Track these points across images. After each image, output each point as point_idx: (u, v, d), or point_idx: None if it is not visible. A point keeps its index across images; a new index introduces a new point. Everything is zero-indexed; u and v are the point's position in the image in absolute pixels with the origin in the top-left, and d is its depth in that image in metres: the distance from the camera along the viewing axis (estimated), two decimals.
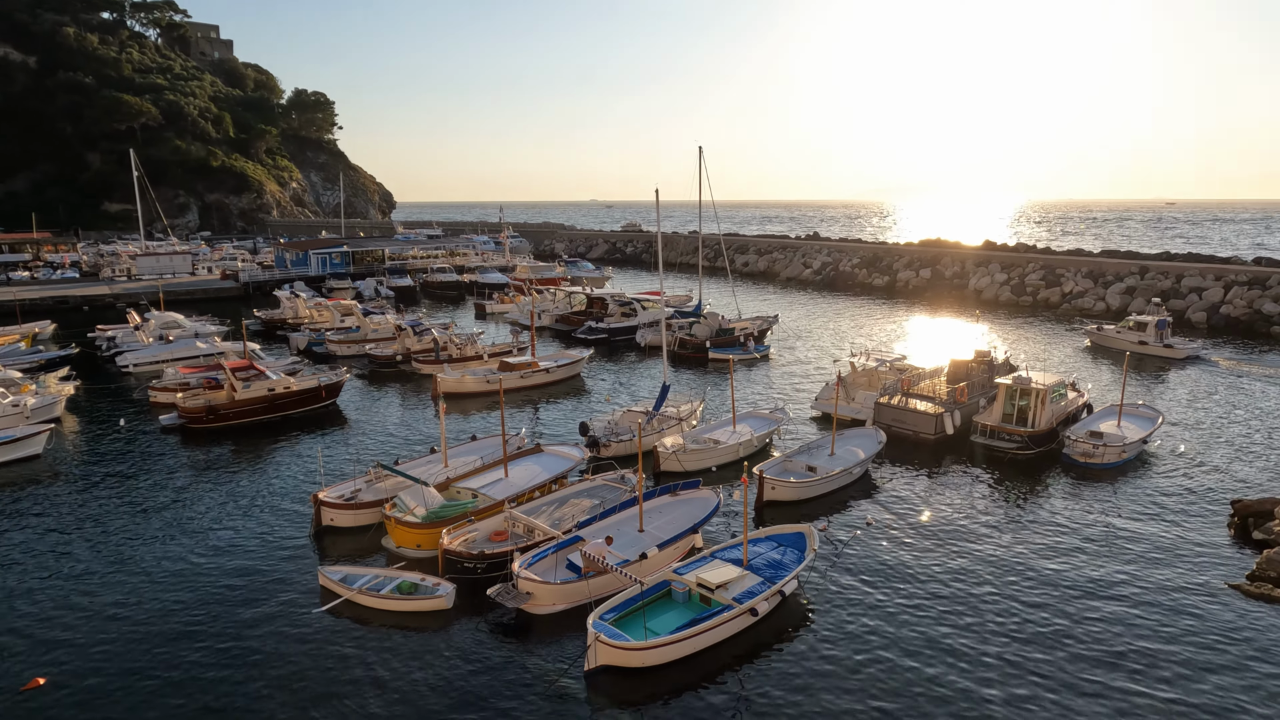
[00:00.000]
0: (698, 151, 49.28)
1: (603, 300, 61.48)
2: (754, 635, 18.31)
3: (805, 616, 19.21)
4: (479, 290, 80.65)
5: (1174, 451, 31.32)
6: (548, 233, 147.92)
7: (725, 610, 18.07)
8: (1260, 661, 17.31)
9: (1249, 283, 63.30)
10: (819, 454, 28.83)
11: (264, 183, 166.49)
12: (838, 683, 16.63)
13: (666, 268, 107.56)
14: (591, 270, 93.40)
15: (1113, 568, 21.66)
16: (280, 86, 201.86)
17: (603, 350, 52.32)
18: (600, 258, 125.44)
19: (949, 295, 79.22)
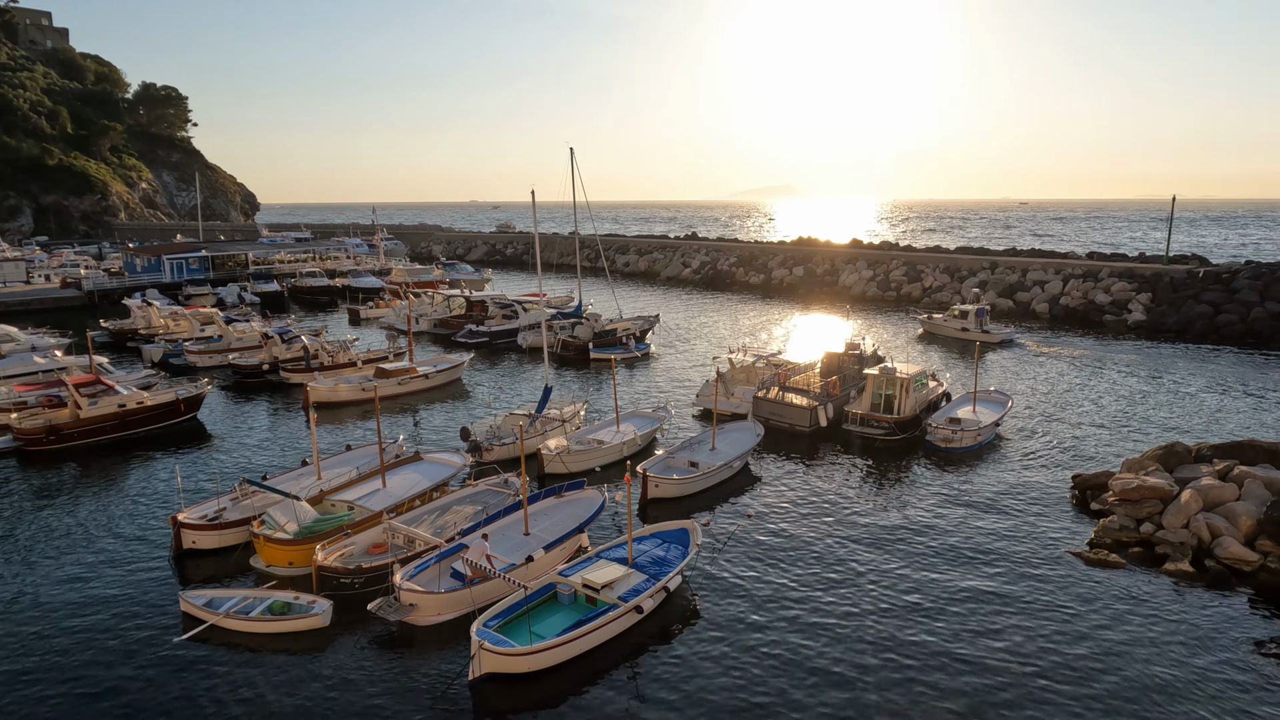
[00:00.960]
0: (569, 153, 49.22)
1: (483, 303, 60.53)
2: (640, 632, 18.50)
3: (690, 610, 19.57)
4: (352, 295, 77.69)
5: (1022, 432, 33.84)
6: (424, 235, 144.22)
7: (611, 609, 18.16)
8: (1097, 619, 18.94)
9: (1083, 275, 69.16)
10: (700, 450, 29.43)
11: (109, 183, 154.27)
12: (722, 674, 17.03)
13: (546, 269, 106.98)
14: (471, 273, 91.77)
15: (973, 543, 23.17)
16: (125, 80, 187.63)
17: (483, 354, 51.51)
18: (480, 260, 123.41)
19: (821, 291, 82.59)
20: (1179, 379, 43.77)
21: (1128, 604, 19.73)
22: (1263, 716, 15.49)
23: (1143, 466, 26.18)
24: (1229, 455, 26.63)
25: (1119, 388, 41.79)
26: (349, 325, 64.66)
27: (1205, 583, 20.79)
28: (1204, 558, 21.84)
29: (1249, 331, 55.44)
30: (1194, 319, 58.04)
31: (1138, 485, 24.19)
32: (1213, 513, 23.05)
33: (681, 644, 18.09)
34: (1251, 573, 21.11)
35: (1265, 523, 21.86)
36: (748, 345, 47.90)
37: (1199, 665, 17.17)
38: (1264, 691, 16.25)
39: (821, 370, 37.81)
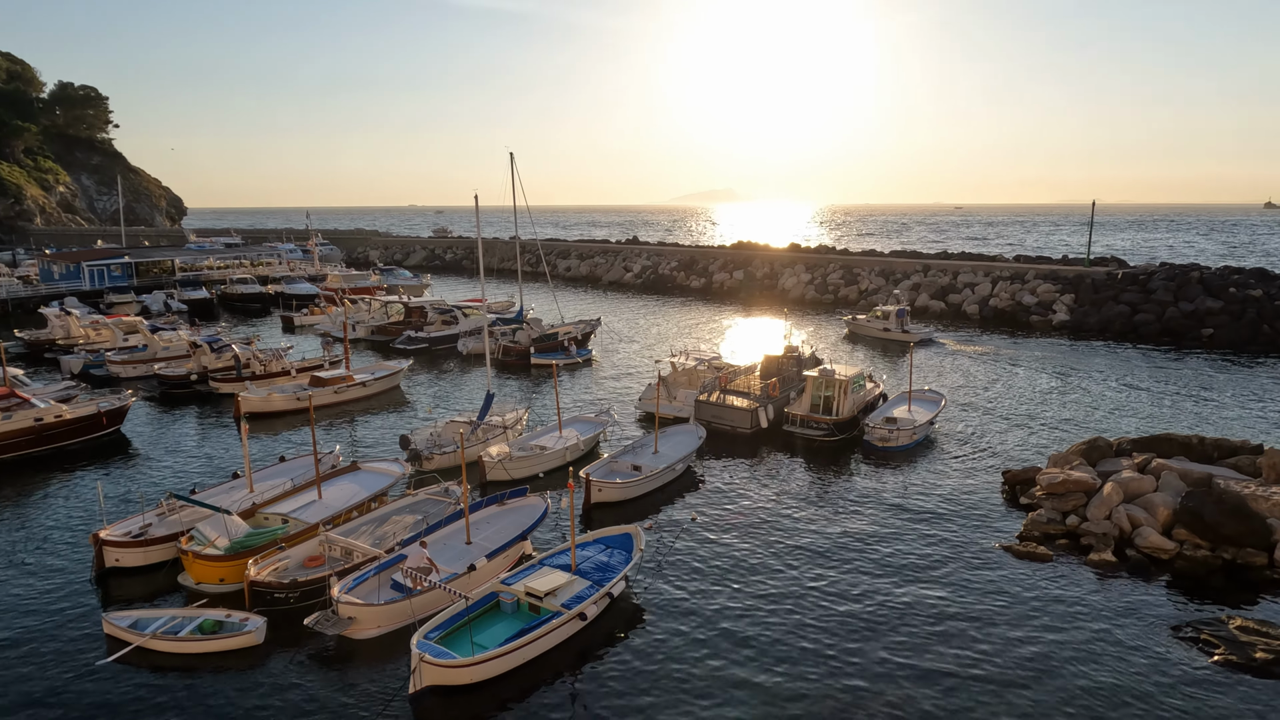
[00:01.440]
0: (509, 158, 48.89)
1: (422, 309, 59.61)
2: (584, 639, 18.42)
3: (634, 616, 19.58)
4: (286, 302, 75.68)
5: (955, 430, 34.82)
6: (361, 240, 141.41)
7: (555, 617, 18.05)
8: (1026, 610, 19.59)
9: (1011, 278, 71.58)
10: (643, 453, 29.50)
11: (23, 186, 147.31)
12: (666, 679, 17.07)
13: (487, 274, 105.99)
14: (409, 278, 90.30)
15: (909, 539, 23.73)
16: (40, 79, 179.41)
17: (423, 360, 50.72)
18: (418, 265, 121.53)
19: (761, 295, 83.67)
20: (1101, 376, 45.62)
21: (1055, 594, 20.45)
22: (1180, 695, 16.22)
23: (1067, 461, 27.19)
24: (1147, 449, 27.86)
25: (1045, 385, 43.35)
26: (283, 333, 62.97)
27: (1127, 571, 21.70)
28: (1125, 547, 22.79)
29: (1164, 330, 58.11)
30: (1114, 319, 60.58)
31: (1063, 479, 25.12)
32: (1133, 504, 24.08)
33: (626, 650, 18.08)
34: (1169, 560, 22.11)
35: (1180, 512, 22.92)
36: (689, 349, 48.21)
37: (1121, 650, 17.89)
38: (1180, 671, 17.02)
39: (762, 373, 38.30)
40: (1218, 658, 17.46)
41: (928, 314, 70.42)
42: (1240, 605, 19.96)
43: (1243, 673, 16.98)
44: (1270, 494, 23.00)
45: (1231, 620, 18.76)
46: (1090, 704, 16.01)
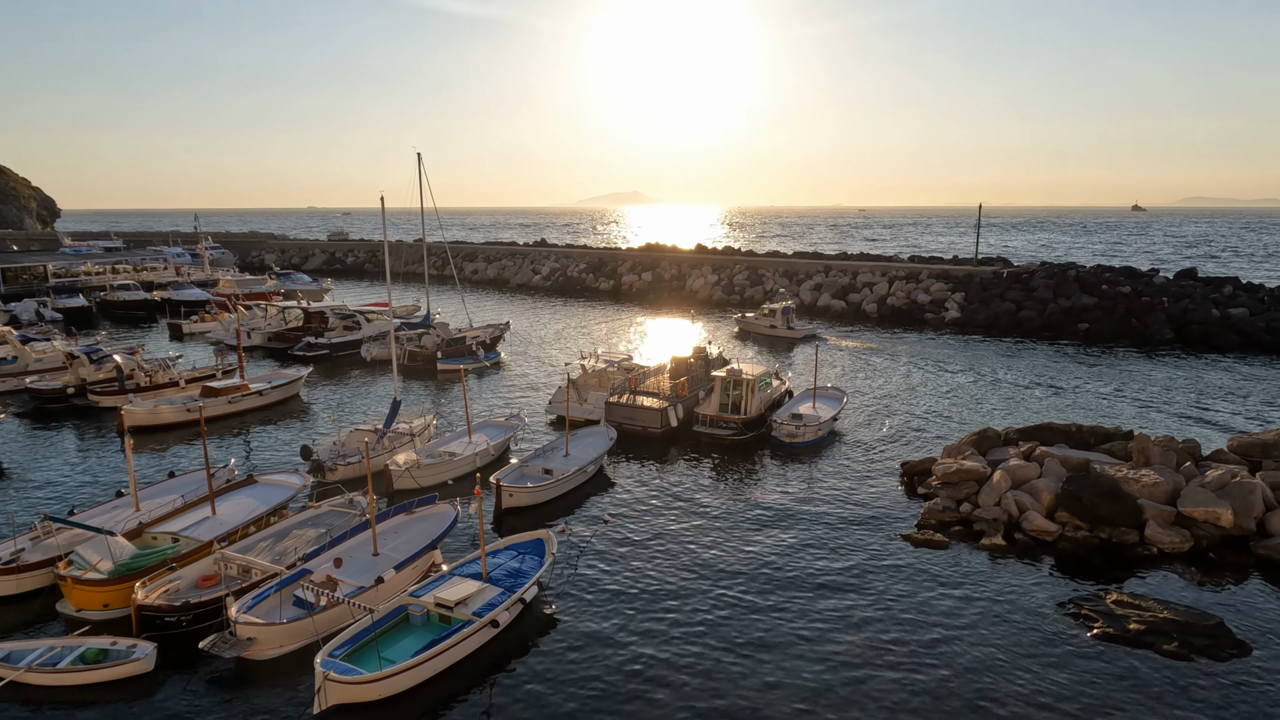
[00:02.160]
0: (417, 158, 47.85)
1: (322, 314, 57.59)
2: (497, 647, 18.20)
3: (548, 621, 19.46)
4: (173, 309, 71.78)
5: (857, 425, 36.06)
6: (255, 243, 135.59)
7: (466, 626, 17.77)
8: (925, 595, 20.48)
9: (906, 277, 74.65)
10: (554, 456, 29.36)
11: None
12: (581, 684, 17.04)
13: (393, 278, 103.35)
14: (308, 282, 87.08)
15: (816, 531, 24.43)
16: None
17: (324, 368, 49.03)
18: (318, 269, 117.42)
19: (669, 296, 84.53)
20: (990, 370, 48.11)
21: (951, 578, 21.45)
22: (1064, 667, 17.26)
23: (960, 451, 28.56)
24: (1031, 437, 29.56)
25: (939, 380, 45.40)
26: (170, 341, 59.70)
27: (1015, 553, 22.95)
28: (1014, 531, 24.10)
29: (1046, 325, 61.76)
30: (1000, 315, 63.97)
31: (956, 469, 26.37)
32: (1020, 490, 25.50)
33: (539, 657, 17.96)
34: (1052, 542, 23.51)
35: (1062, 496, 24.42)
36: (599, 351, 48.28)
37: (1011, 627, 18.92)
38: (1064, 645, 18.13)
39: (671, 373, 38.70)
40: (1096, 630, 18.67)
41: (830, 313, 72.68)
42: (1115, 581, 21.40)
43: (1119, 643, 18.21)
44: (1140, 476, 24.77)
45: (1108, 595, 20.09)
46: (985, 680, 16.86)
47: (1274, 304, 60.54)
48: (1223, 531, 23.14)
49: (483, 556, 20.31)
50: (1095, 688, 16.64)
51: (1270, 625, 19.12)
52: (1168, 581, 21.39)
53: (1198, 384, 44.40)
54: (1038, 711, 15.86)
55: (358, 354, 52.11)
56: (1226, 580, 21.43)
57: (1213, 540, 23.02)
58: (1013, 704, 16.11)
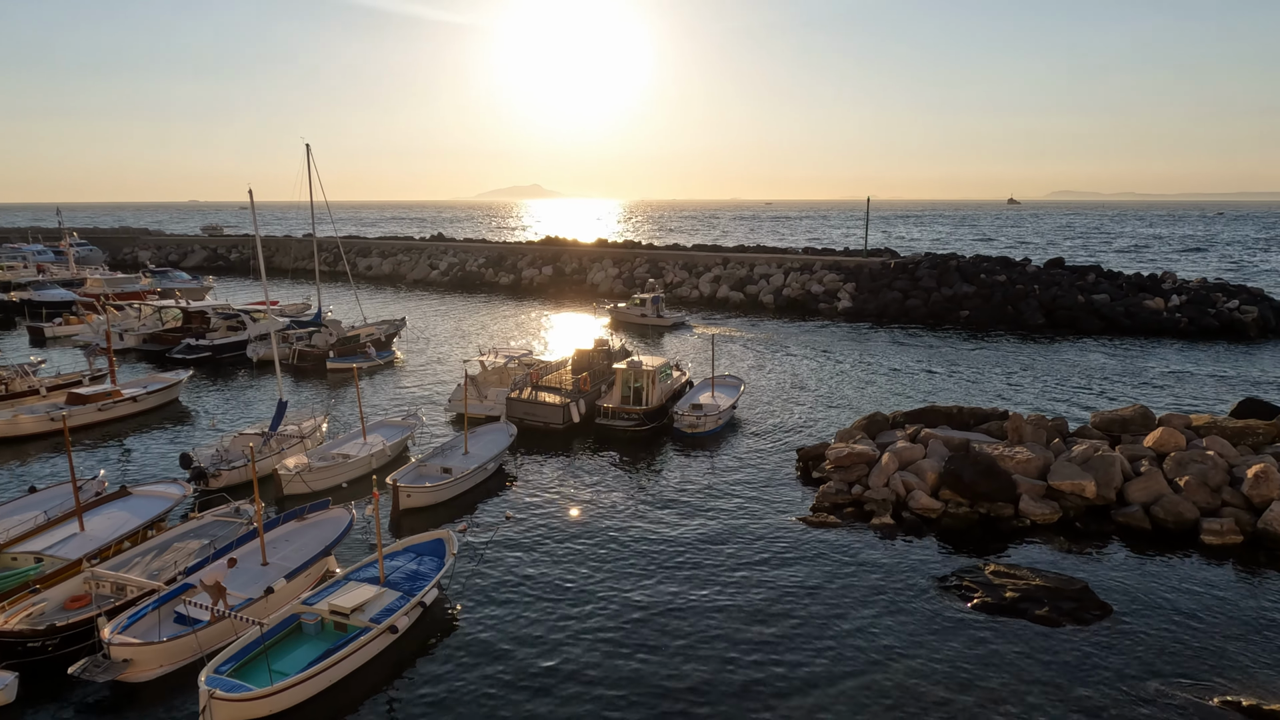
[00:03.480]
0: (305, 150, 45.92)
1: (203, 314, 54.63)
2: (397, 653, 17.76)
3: (449, 623, 19.13)
4: (34, 310, 66.53)
5: (755, 413, 36.93)
6: (128, 239, 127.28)
7: (363, 633, 17.26)
8: (820, 575, 21.20)
9: (801, 269, 76.84)
10: (453, 455, 28.84)
11: None
12: (484, 686, 16.84)
13: (281, 274, 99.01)
14: (188, 280, 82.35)
15: (718, 519, 24.90)
16: None
17: (206, 370, 46.53)
18: (198, 266, 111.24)
19: (570, 290, 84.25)
20: (880, 356, 50.14)
21: (844, 558, 22.28)
22: (949, 635, 18.22)
23: (851, 436, 29.66)
24: (917, 420, 30.98)
25: (832, 367, 47.00)
26: (31, 346, 55.36)
27: (903, 531, 24.04)
28: (902, 510, 25.23)
29: (930, 313, 64.81)
30: (889, 304, 66.73)
31: (848, 453, 27.38)
32: (906, 470, 26.70)
33: (441, 661, 17.63)
34: (937, 518, 24.74)
35: (944, 475, 25.73)
36: (499, 346, 47.66)
37: (900, 601, 19.83)
38: (948, 617, 19.13)
39: (573, 367, 38.61)
40: (976, 601, 19.79)
41: (728, 304, 74.06)
42: (994, 553, 22.73)
43: (996, 612, 19.35)
44: (1015, 453, 26.36)
45: (987, 567, 21.31)
46: (875, 653, 17.61)
47: (1131, 290, 65.46)
48: (1087, 502, 24.91)
49: (380, 560, 19.77)
50: (975, 654, 17.63)
51: (1128, 587, 20.71)
52: (1039, 551, 22.86)
53: (1065, 365, 47.57)
54: (923, 680, 16.68)
55: (243, 355, 49.69)
56: (1090, 547, 23.08)
57: (1079, 510, 24.74)
58: (901, 675, 16.88)
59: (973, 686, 16.47)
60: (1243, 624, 18.90)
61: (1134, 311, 60.24)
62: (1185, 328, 58.18)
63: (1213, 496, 24.51)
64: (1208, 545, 22.93)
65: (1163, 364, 48.22)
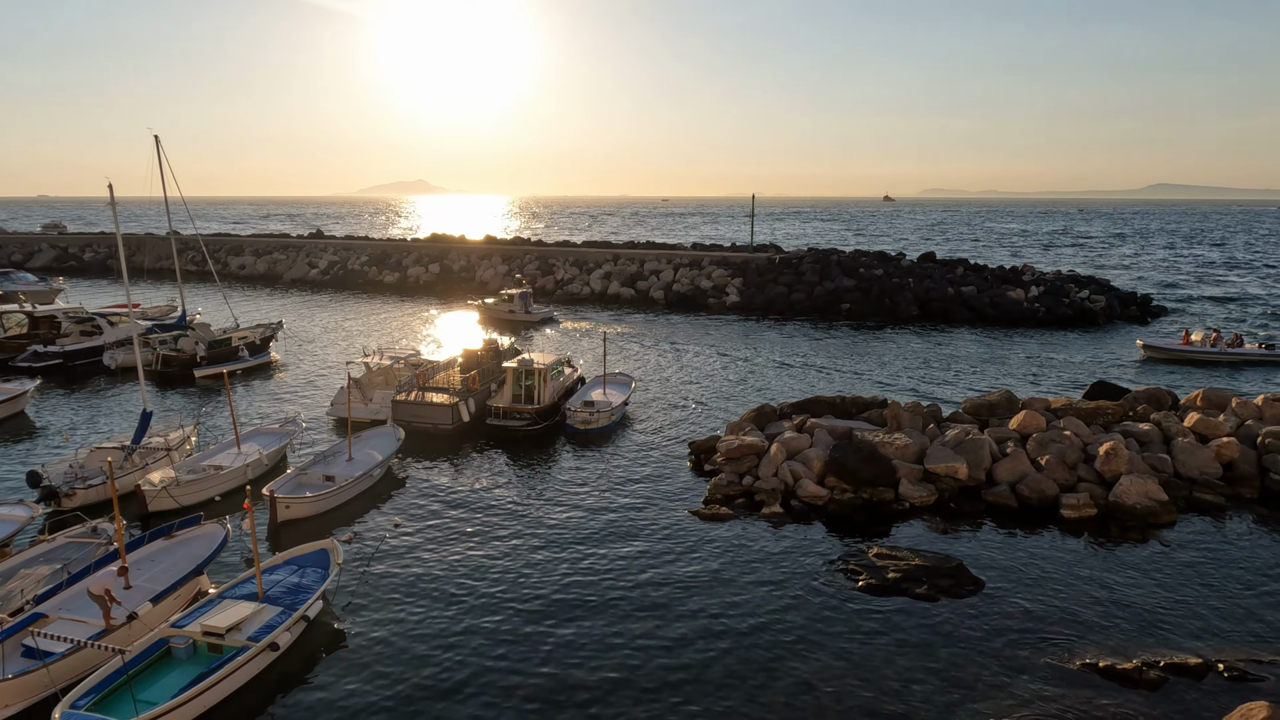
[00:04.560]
0: (155, 141, 42.89)
1: (52, 318, 50.33)
2: (279, 672, 16.86)
3: (335, 636, 18.32)
4: None
5: (647, 408, 37.18)
6: None
7: (241, 653, 16.28)
8: (713, 565, 21.54)
9: (690, 264, 77.95)
10: (336, 462, 27.68)
11: None
12: (372, 701, 16.21)
13: (141, 274, 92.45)
14: (34, 282, 75.61)
15: (612, 515, 24.89)
16: None
17: (57, 379, 42.87)
18: (47, 266, 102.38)
19: (458, 288, 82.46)
20: (767, 349, 51.48)
21: (737, 548, 22.71)
22: (837, 616, 18.86)
23: (741, 428, 30.29)
24: (803, 410, 31.96)
25: (722, 361, 47.91)
26: None
27: (792, 519, 24.74)
28: (790, 499, 25.95)
29: (814, 307, 67.07)
30: (775, 298, 68.61)
31: (738, 444, 27.94)
32: (794, 460, 27.48)
33: (327, 677, 16.85)
34: (823, 505, 25.59)
35: (829, 463, 26.64)
36: (384, 347, 46.10)
37: (789, 586, 20.38)
38: (836, 600, 19.80)
39: (461, 367, 37.76)
40: (862, 583, 20.57)
41: (619, 300, 74.30)
42: (877, 536, 23.70)
43: (880, 593, 20.18)
44: (894, 440, 27.57)
45: (871, 549, 22.20)
46: (767, 639, 18.02)
47: (996, 282, 69.76)
48: (960, 483, 26.34)
49: (258, 575, 18.72)
50: (861, 634, 18.32)
51: (998, 562, 22.03)
52: (918, 531, 24.01)
53: (938, 354, 50.22)
54: (815, 662, 17.20)
55: (100, 362, 46.07)
56: (964, 526, 24.42)
57: (953, 491, 26.13)
58: (792, 659, 17.35)
59: (860, 665, 17.10)
60: (1098, 590, 20.43)
61: (998, 302, 64.21)
62: (1043, 316, 62.51)
63: (1070, 473, 26.40)
64: (1066, 519, 24.67)
65: (1024, 351, 51.63)
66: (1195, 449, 27.52)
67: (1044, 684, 16.49)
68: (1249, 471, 26.92)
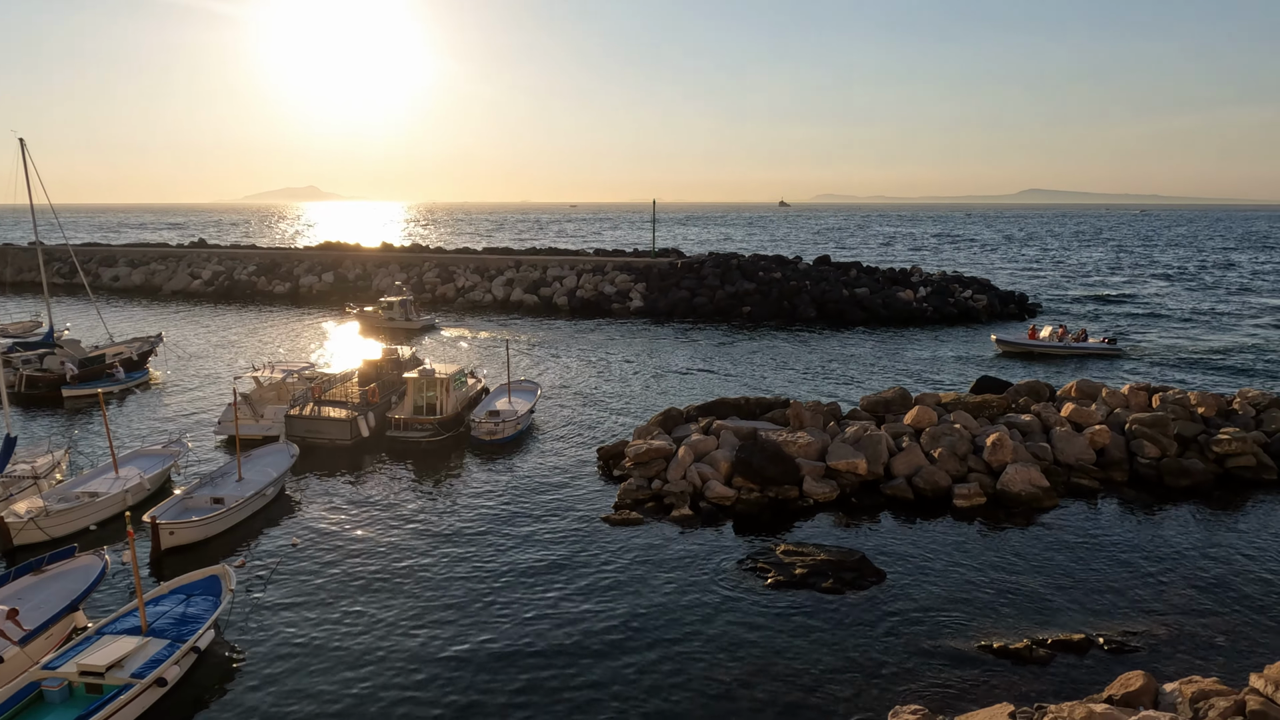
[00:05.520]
0: (19, 145, 39.80)
1: None
2: (167, 708, 15.80)
3: (229, 667, 17.32)
4: None
5: (554, 416, 36.90)
6: None
7: (123, 692, 15.17)
8: (625, 571, 21.52)
9: (593, 270, 77.96)
10: (225, 482, 26.22)
11: None
12: None
13: (4, 289, 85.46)
14: None
15: (522, 526, 24.51)
16: None
17: None
18: None
19: (354, 297, 79.59)
20: (672, 353, 51.99)
21: (647, 553, 22.76)
22: (747, 618, 19.15)
23: (649, 432, 30.42)
24: (709, 412, 32.37)
25: (628, 366, 48.08)
26: None
27: (701, 521, 24.98)
28: (699, 500, 26.21)
29: (716, 310, 68.19)
30: (678, 303, 69.39)
31: (646, 449, 28.05)
32: (701, 462, 27.79)
33: (221, 710, 15.90)
34: (731, 505, 25.96)
35: (736, 464, 27.07)
36: (276, 360, 44.11)
37: (701, 587, 20.56)
38: (746, 598, 20.10)
39: (360, 379, 36.53)
40: (770, 580, 20.96)
41: (522, 307, 73.53)
42: (783, 533, 24.23)
43: (788, 588, 20.61)
44: (797, 438, 28.26)
45: (778, 547, 22.67)
46: (685, 640, 18.11)
47: (887, 283, 72.71)
48: (861, 478, 27.23)
49: (141, 607, 17.49)
50: (771, 630, 18.65)
51: (898, 552, 22.88)
52: (822, 527, 24.68)
53: (836, 353, 51.91)
54: (729, 662, 17.38)
55: None
56: (865, 519, 25.26)
57: (854, 487, 26.98)
58: (706, 660, 17.49)
59: (771, 660, 17.40)
60: (990, 574, 21.49)
61: (890, 303, 66.92)
62: (931, 315, 65.53)
63: (961, 464, 27.72)
64: (959, 508, 25.87)
65: (916, 348, 53.98)
66: (1072, 437, 29.37)
67: (943, 667, 17.19)
68: (1119, 457, 28.92)
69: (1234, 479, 28.29)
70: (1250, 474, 28.36)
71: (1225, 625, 18.95)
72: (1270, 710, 13.25)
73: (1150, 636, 18.38)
